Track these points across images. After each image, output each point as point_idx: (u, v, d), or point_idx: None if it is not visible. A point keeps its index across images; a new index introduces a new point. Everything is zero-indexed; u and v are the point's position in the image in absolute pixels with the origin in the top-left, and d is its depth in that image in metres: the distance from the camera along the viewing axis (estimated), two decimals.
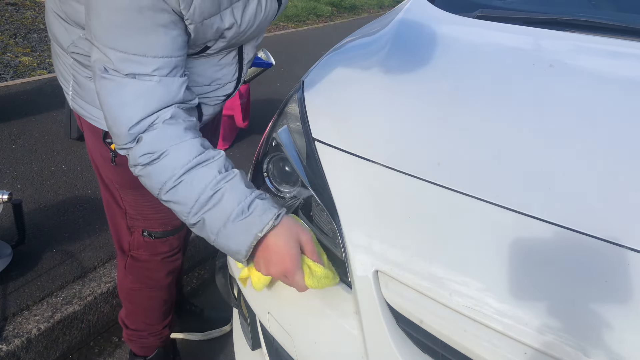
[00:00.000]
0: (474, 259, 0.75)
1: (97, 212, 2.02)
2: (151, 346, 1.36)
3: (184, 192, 0.74)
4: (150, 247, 1.16)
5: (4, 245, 1.67)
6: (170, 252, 1.20)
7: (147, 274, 1.20)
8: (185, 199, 0.74)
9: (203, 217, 0.74)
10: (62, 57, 0.96)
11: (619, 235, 0.71)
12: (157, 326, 1.32)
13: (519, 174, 0.83)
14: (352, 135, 0.99)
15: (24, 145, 2.45)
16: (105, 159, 1.01)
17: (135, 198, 1.08)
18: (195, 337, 1.66)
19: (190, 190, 0.74)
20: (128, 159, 0.78)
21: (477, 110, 0.99)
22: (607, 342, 0.63)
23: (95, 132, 0.98)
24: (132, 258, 1.18)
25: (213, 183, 0.74)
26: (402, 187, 0.86)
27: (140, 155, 0.75)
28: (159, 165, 0.75)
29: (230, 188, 0.74)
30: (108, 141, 0.97)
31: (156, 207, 1.08)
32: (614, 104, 0.99)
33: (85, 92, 0.93)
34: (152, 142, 0.74)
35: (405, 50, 1.25)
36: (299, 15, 7.54)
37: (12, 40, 4.07)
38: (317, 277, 0.77)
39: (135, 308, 1.29)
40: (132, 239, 1.15)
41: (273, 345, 1.01)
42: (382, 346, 0.76)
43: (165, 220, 1.12)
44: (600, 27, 1.31)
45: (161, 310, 1.30)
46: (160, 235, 1.14)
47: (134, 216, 1.11)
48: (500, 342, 0.68)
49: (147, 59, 0.73)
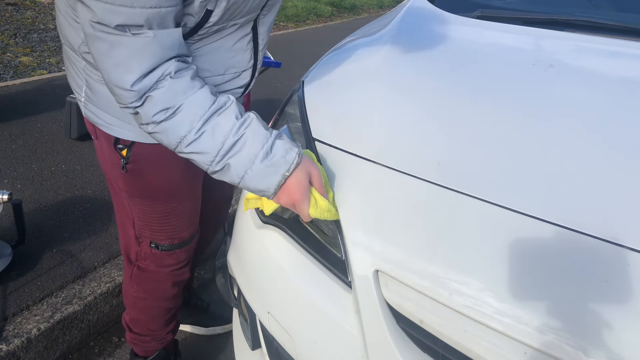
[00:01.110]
0: (474, 258, 0.75)
1: (97, 212, 2.02)
2: (153, 349, 1.36)
3: (206, 142, 0.76)
4: (157, 259, 1.15)
5: (4, 245, 1.67)
6: (178, 265, 1.19)
7: (153, 285, 1.19)
8: (207, 148, 0.76)
9: (228, 162, 0.77)
10: (74, 61, 0.94)
11: (619, 235, 0.71)
12: (161, 332, 1.32)
13: (519, 173, 0.83)
14: (352, 135, 0.99)
15: (24, 145, 2.46)
16: (115, 166, 1.00)
17: (143, 208, 1.06)
18: (199, 331, 1.66)
19: (212, 140, 0.75)
20: (138, 118, 0.78)
21: (477, 110, 0.99)
22: (607, 342, 0.63)
23: (107, 139, 0.97)
24: (139, 268, 1.17)
25: (234, 130, 0.76)
26: (402, 186, 0.86)
27: (154, 114, 0.75)
28: (176, 120, 0.75)
29: (252, 133, 0.77)
30: (119, 147, 0.96)
31: (163, 219, 1.08)
32: (614, 104, 0.99)
33: (97, 97, 0.92)
34: (165, 99, 0.74)
35: (405, 50, 1.25)
36: (299, 15, 7.54)
37: (12, 40, 4.07)
38: (321, 209, 0.83)
39: (139, 315, 1.28)
40: (140, 249, 1.14)
41: (273, 345, 1.01)
42: (382, 346, 0.76)
43: (171, 234, 1.11)
44: (600, 27, 1.31)
45: (165, 318, 1.30)
46: (167, 248, 1.13)
47: (141, 226, 1.10)
48: (500, 342, 0.68)
49: (135, 10, 0.69)
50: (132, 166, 0.97)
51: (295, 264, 0.92)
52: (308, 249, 0.92)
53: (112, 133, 0.95)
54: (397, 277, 0.77)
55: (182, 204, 1.08)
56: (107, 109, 0.92)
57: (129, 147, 0.95)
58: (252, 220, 1.05)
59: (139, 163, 0.97)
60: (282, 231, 0.97)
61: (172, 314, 1.32)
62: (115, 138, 0.95)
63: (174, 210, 1.08)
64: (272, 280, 0.96)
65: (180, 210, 1.09)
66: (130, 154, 0.96)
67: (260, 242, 1.00)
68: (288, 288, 0.92)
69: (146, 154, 0.97)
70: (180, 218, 1.10)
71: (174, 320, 1.35)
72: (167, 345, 1.38)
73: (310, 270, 0.89)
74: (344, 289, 0.84)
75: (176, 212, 1.08)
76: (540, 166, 0.84)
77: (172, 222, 1.08)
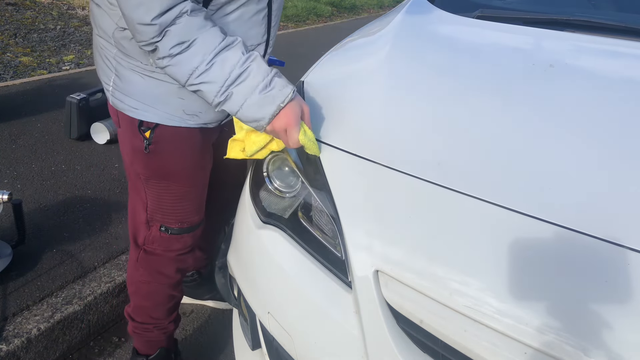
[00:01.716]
0: (474, 258, 0.75)
1: (97, 212, 2.02)
2: (156, 341, 1.37)
3: (215, 73, 0.86)
4: (165, 243, 1.20)
5: (4, 245, 1.67)
6: (184, 250, 1.24)
7: (158, 269, 1.24)
8: (216, 78, 0.86)
9: (232, 91, 0.87)
10: (105, 50, 1.01)
11: (619, 235, 0.71)
12: (163, 321, 1.34)
13: (519, 174, 0.83)
14: (352, 135, 0.99)
15: (24, 145, 2.46)
16: (136, 151, 1.08)
17: (158, 191, 1.13)
18: (220, 306, 1.77)
19: (221, 70, 0.86)
20: (155, 54, 0.87)
21: (477, 110, 0.99)
22: (607, 342, 0.63)
23: (132, 123, 1.04)
24: (145, 252, 1.22)
25: (241, 62, 0.86)
26: (402, 187, 0.86)
27: (171, 47, 0.84)
28: (190, 53, 0.85)
29: (256, 66, 0.88)
30: (143, 129, 1.04)
31: (176, 202, 1.15)
32: (614, 104, 0.99)
33: (125, 84, 1.01)
34: (182, 33, 0.83)
35: (405, 50, 1.25)
36: (299, 15, 7.54)
37: (12, 40, 4.07)
38: (309, 137, 0.92)
39: (142, 301, 1.31)
40: (149, 233, 1.20)
41: (273, 345, 1.01)
42: (382, 346, 0.76)
43: (182, 217, 1.18)
44: (600, 27, 1.31)
45: (167, 306, 1.32)
46: (177, 232, 1.19)
47: (154, 209, 1.17)
48: (500, 342, 0.68)
49: None
50: (154, 147, 1.06)
51: (295, 264, 0.92)
52: (308, 249, 0.92)
53: (138, 116, 1.03)
54: (397, 277, 0.77)
55: (194, 188, 1.16)
56: (134, 95, 1.01)
57: (152, 130, 1.04)
58: (252, 220, 1.05)
59: (160, 144, 1.06)
60: (282, 231, 0.97)
61: (175, 303, 1.34)
62: (140, 121, 1.03)
63: (187, 194, 1.15)
64: (272, 280, 0.96)
65: (192, 195, 1.16)
66: (153, 135, 1.04)
67: (260, 242, 1.00)
68: (288, 288, 0.92)
69: (168, 136, 1.05)
70: (192, 202, 1.18)
71: (176, 310, 1.37)
72: (169, 341, 1.39)
73: (310, 270, 0.89)
74: (344, 289, 0.84)
75: (189, 196, 1.16)
76: (540, 166, 0.84)
77: (185, 206, 1.16)
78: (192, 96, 0.99)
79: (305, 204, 0.98)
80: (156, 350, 1.37)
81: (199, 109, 1.03)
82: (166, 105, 1.00)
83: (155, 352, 1.37)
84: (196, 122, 1.05)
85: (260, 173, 1.10)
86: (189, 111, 1.02)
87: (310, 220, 0.96)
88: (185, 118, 1.03)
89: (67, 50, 4.13)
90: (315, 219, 0.95)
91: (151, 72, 0.97)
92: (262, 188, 1.09)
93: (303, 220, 0.97)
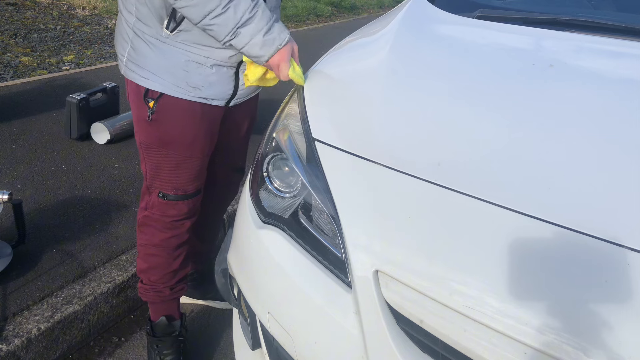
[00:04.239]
0: (474, 258, 0.75)
1: (97, 212, 2.02)
2: (156, 306, 1.44)
3: (228, 16, 1.02)
4: (162, 208, 1.31)
5: (4, 245, 1.67)
6: (179, 217, 1.33)
7: (153, 232, 1.35)
8: (228, 20, 1.02)
9: (240, 31, 1.04)
10: (125, 20, 1.14)
11: (619, 235, 0.71)
12: (170, 281, 1.41)
13: (519, 174, 0.83)
14: (352, 135, 0.99)
15: (24, 145, 2.46)
16: (141, 120, 1.20)
17: (158, 158, 1.24)
18: (219, 306, 1.78)
19: (234, 14, 1.02)
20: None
21: (477, 110, 0.99)
22: (607, 342, 0.63)
23: (138, 92, 1.17)
24: (146, 216, 1.35)
25: (250, 8, 1.03)
26: (402, 187, 0.86)
27: None
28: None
29: (261, 11, 1.05)
30: (147, 99, 1.16)
31: (173, 170, 1.25)
32: (614, 103, 0.99)
33: (138, 56, 1.14)
34: None
35: (405, 50, 1.25)
36: (299, 15, 7.54)
37: (12, 40, 4.07)
38: (296, 72, 1.12)
39: (142, 264, 1.41)
40: (150, 198, 1.32)
41: (273, 345, 1.01)
42: (382, 346, 0.76)
43: (177, 184, 1.28)
44: (600, 27, 1.31)
45: (168, 271, 1.39)
46: (172, 198, 1.29)
47: (153, 176, 1.28)
48: (500, 342, 0.68)
49: None
50: (156, 116, 1.17)
51: (295, 264, 0.92)
52: (308, 249, 0.92)
53: (146, 85, 1.15)
54: (397, 278, 0.77)
55: (191, 158, 1.25)
56: (145, 65, 1.14)
57: (156, 100, 1.15)
58: (252, 220, 1.05)
59: (162, 114, 1.17)
60: (282, 231, 0.97)
61: (171, 271, 1.40)
62: (145, 91, 1.15)
63: (183, 163, 1.25)
64: (272, 280, 0.96)
65: (189, 164, 1.26)
66: (157, 105, 1.16)
67: (260, 242, 1.00)
68: (288, 288, 0.92)
69: (169, 107, 1.16)
70: (188, 171, 1.27)
71: (174, 280, 1.42)
72: (169, 311, 1.46)
73: (310, 270, 0.89)
74: (344, 289, 0.84)
75: (185, 165, 1.25)
76: (541, 166, 0.84)
77: (180, 174, 1.27)
78: (196, 70, 1.13)
79: (305, 204, 0.98)
80: (158, 318, 1.46)
81: (201, 82, 1.14)
82: (172, 75, 1.13)
83: (157, 320, 1.46)
84: (197, 95, 1.15)
85: (260, 173, 1.10)
86: (191, 83, 1.14)
87: (310, 220, 0.96)
88: (188, 90, 1.14)
89: (67, 50, 4.13)
90: (315, 219, 0.95)
91: (162, 43, 1.10)
92: (262, 188, 1.09)
93: (303, 220, 0.97)
